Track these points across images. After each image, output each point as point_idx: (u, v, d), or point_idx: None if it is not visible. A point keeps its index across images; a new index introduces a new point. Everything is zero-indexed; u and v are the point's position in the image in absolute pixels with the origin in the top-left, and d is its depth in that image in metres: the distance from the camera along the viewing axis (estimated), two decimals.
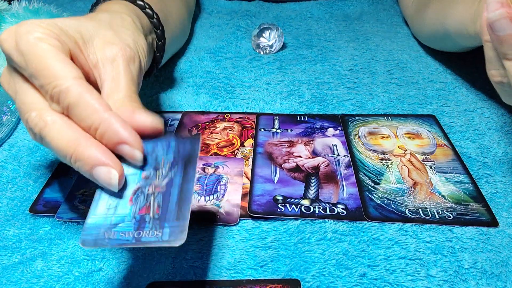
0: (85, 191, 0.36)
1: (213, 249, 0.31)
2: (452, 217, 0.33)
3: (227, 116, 0.47)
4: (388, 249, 0.31)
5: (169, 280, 0.29)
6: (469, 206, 0.34)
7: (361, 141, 0.42)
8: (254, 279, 0.29)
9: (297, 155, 0.40)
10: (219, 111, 0.48)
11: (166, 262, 0.30)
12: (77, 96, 0.26)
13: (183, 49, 0.62)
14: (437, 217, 0.33)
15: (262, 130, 0.44)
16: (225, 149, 0.41)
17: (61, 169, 0.39)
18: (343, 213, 0.34)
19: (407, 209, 0.34)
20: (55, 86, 0.26)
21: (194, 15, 0.73)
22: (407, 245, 0.31)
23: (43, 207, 0.35)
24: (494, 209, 0.34)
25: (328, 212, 0.34)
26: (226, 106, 0.49)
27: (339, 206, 0.34)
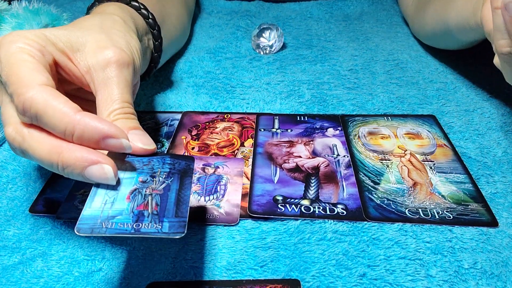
0: (85, 191, 0.36)
1: (213, 249, 0.31)
2: (452, 217, 0.33)
3: (227, 116, 0.47)
4: (388, 249, 0.31)
5: (169, 280, 0.29)
6: (469, 206, 0.34)
7: (361, 141, 0.42)
8: (254, 279, 0.29)
9: (297, 155, 0.40)
10: (219, 111, 0.48)
11: (166, 262, 0.30)
12: (42, 103, 0.25)
13: (183, 49, 0.62)
14: (437, 217, 0.33)
15: (262, 130, 0.44)
16: (225, 149, 0.41)
17: None
18: (343, 213, 0.34)
19: (407, 209, 0.34)
20: (19, 94, 0.25)
21: (194, 15, 0.73)
22: (407, 245, 0.31)
23: (43, 207, 0.35)
24: (494, 209, 0.34)
25: (328, 212, 0.34)
26: (226, 106, 0.49)
27: (339, 206, 0.34)
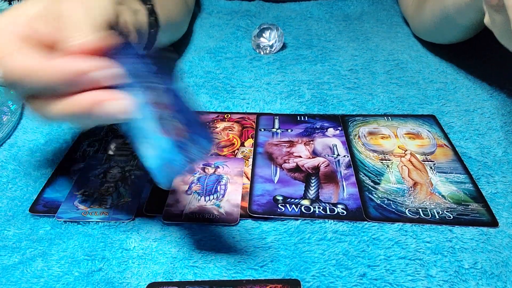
0: (85, 191, 0.36)
1: (213, 249, 0.31)
2: (452, 217, 0.33)
3: (227, 116, 0.47)
4: (388, 249, 0.31)
5: (169, 280, 0.29)
6: (469, 206, 0.34)
7: (361, 141, 0.42)
8: (254, 279, 0.29)
9: (297, 155, 0.40)
10: (219, 111, 0.48)
11: (166, 262, 0.30)
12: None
13: (183, 49, 0.62)
14: (437, 217, 0.33)
15: (262, 130, 0.44)
16: (225, 149, 0.41)
17: (61, 169, 0.39)
18: (343, 213, 0.34)
19: (407, 209, 0.34)
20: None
21: (194, 15, 0.73)
22: (407, 245, 0.31)
23: (43, 207, 0.35)
24: (494, 209, 0.34)
25: (328, 212, 0.34)
26: (226, 106, 0.49)
27: (339, 206, 0.34)
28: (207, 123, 0.26)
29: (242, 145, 0.42)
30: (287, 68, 0.57)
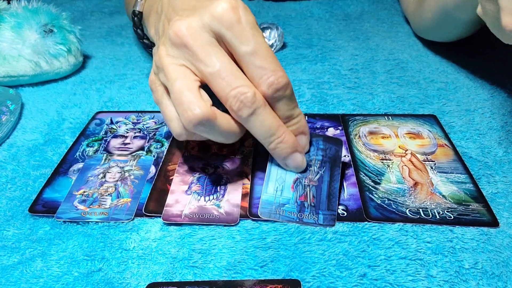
0: (84, 191, 0.36)
1: (213, 249, 0.31)
2: (452, 217, 0.33)
3: None
4: (388, 249, 0.31)
5: (169, 280, 0.29)
6: (470, 206, 0.34)
7: (361, 141, 0.42)
8: (254, 279, 0.29)
9: None
10: None
11: (166, 262, 0.30)
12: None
13: None
14: (437, 217, 0.33)
15: None
16: (225, 149, 0.41)
17: (61, 169, 0.39)
18: (344, 214, 0.34)
19: (407, 210, 0.34)
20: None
21: None
22: (407, 245, 0.31)
23: (42, 207, 0.35)
24: (495, 209, 0.34)
25: None
26: None
27: (339, 206, 0.34)
28: (335, 208, 0.33)
29: (242, 145, 0.42)
30: (287, 67, 0.56)
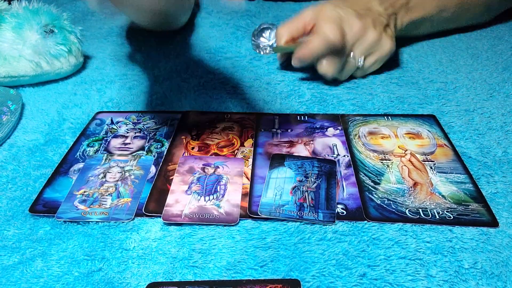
0: (85, 191, 0.36)
1: (213, 249, 0.31)
2: (452, 217, 0.33)
3: (227, 116, 0.47)
4: (388, 249, 0.31)
5: (169, 280, 0.29)
6: (469, 206, 0.34)
7: (361, 141, 0.42)
8: (254, 279, 0.29)
9: (297, 155, 0.40)
10: (219, 111, 0.48)
11: (166, 262, 0.30)
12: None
13: (183, 49, 0.62)
14: (437, 217, 0.33)
15: (262, 130, 0.44)
16: (225, 149, 0.41)
17: (61, 169, 0.39)
18: (343, 213, 0.34)
19: (407, 210, 0.34)
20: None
21: (194, 15, 0.73)
22: (407, 245, 0.31)
23: (43, 207, 0.35)
24: (494, 209, 0.34)
25: None
26: (226, 106, 0.49)
27: (339, 206, 0.34)
28: (334, 208, 0.34)
29: (242, 145, 0.42)
30: (287, 67, 0.57)
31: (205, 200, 0.35)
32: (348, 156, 0.40)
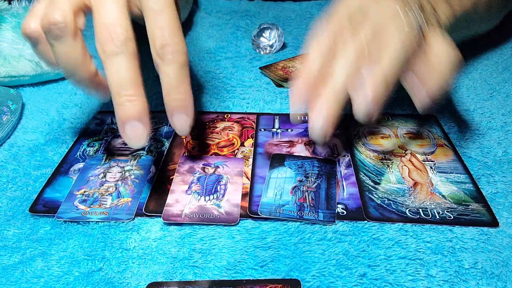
0: (85, 191, 0.36)
1: (213, 249, 0.31)
2: (452, 217, 0.33)
3: (227, 116, 0.47)
4: (388, 249, 0.31)
5: (169, 280, 0.29)
6: (470, 206, 0.34)
7: (361, 141, 0.42)
8: (254, 279, 0.29)
9: (297, 155, 0.40)
10: (219, 111, 0.48)
11: (166, 262, 0.30)
12: None
13: None
14: (437, 217, 0.33)
15: (262, 130, 0.44)
16: (225, 149, 0.41)
17: (61, 169, 0.39)
18: (343, 213, 0.34)
19: (407, 209, 0.34)
20: None
21: (194, 15, 0.73)
22: (407, 245, 0.31)
23: (43, 207, 0.35)
24: (494, 209, 0.34)
25: None
26: (226, 106, 0.49)
27: (339, 206, 0.34)
28: (334, 208, 0.34)
29: (242, 145, 0.42)
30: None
31: (205, 200, 0.35)
32: (348, 156, 0.40)
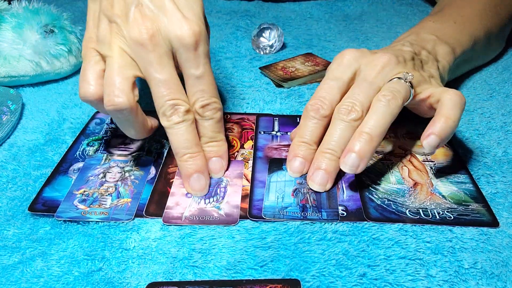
0: (84, 190, 0.36)
1: (213, 249, 0.31)
2: (452, 217, 0.33)
3: (226, 117, 0.46)
4: (388, 249, 0.31)
5: (169, 280, 0.29)
6: (470, 206, 0.34)
7: None
8: (254, 279, 0.29)
9: None
10: None
11: (166, 262, 0.30)
12: None
13: None
14: (437, 217, 0.33)
15: (262, 133, 0.44)
16: None
17: (61, 169, 0.39)
18: (343, 214, 0.34)
19: (407, 210, 0.34)
20: None
21: None
22: (407, 245, 0.31)
23: (42, 206, 0.35)
24: (494, 209, 0.34)
25: None
26: (226, 106, 0.49)
27: (339, 207, 0.34)
28: (337, 206, 0.34)
29: (242, 147, 0.42)
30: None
31: (205, 203, 0.35)
32: None
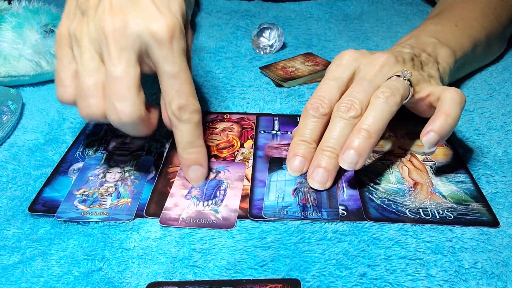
0: (84, 191, 0.36)
1: (213, 249, 0.31)
2: (452, 217, 0.33)
3: (226, 116, 0.46)
4: (388, 249, 0.31)
5: (169, 280, 0.29)
6: (470, 206, 0.34)
7: None
8: (254, 279, 0.29)
9: None
10: (219, 111, 0.48)
11: (166, 262, 0.30)
12: None
13: None
14: (437, 217, 0.33)
15: (262, 132, 0.44)
16: (224, 151, 0.41)
17: (61, 169, 0.39)
18: (344, 214, 0.34)
19: (407, 210, 0.34)
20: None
21: (194, 14, 0.73)
22: (407, 245, 0.31)
23: (42, 206, 0.35)
24: (494, 209, 0.34)
25: None
26: (226, 106, 0.49)
27: (339, 207, 0.34)
28: (337, 206, 0.34)
29: (242, 146, 0.42)
30: None
31: (203, 205, 0.35)
32: None
